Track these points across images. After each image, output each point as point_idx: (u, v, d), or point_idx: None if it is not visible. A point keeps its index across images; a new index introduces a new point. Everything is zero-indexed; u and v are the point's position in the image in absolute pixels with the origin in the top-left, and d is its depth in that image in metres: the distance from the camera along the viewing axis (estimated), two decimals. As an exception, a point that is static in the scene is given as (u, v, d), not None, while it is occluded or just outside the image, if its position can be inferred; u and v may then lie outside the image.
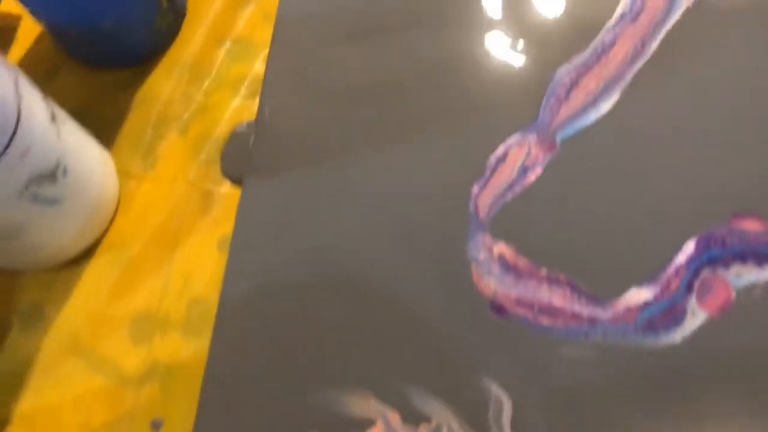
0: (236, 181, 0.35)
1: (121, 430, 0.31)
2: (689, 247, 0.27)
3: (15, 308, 0.34)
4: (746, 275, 0.26)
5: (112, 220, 0.35)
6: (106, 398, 0.31)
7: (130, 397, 0.31)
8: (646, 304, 0.26)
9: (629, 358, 0.25)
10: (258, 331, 0.27)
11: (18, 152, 0.26)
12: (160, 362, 0.32)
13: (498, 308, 0.27)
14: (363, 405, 0.25)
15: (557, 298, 0.26)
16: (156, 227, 0.34)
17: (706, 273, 0.26)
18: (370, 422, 0.25)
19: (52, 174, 0.28)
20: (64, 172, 0.29)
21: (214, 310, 0.32)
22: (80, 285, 0.34)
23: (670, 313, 0.26)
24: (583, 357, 0.25)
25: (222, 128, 0.37)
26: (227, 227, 0.34)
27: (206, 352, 0.31)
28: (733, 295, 0.26)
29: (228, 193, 0.35)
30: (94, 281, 0.34)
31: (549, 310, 0.26)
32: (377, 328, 0.27)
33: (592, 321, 0.26)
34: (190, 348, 0.32)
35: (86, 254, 0.34)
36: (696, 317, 0.26)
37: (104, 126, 0.38)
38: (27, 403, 0.32)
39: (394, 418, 0.25)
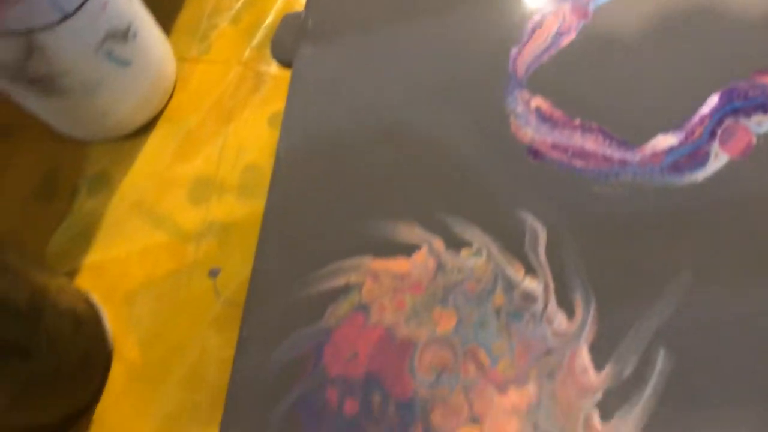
0: (286, 64, 0.37)
1: (183, 278, 0.33)
2: (713, 99, 0.29)
3: (83, 175, 0.37)
4: (766, 123, 0.28)
5: (170, 97, 0.37)
6: (168, 252, 0.34)
7: (190, 251, 0.34)
8: (672, 149, 0.28)
9: (655, 194, 0.27)
10: (312, 176, 0.30)
11: (99, 3, 0.28)
12: (217, 221, 0.34)
13: (535, 152, 0.29)
14: (409, 233, 0.28)
15: (590, 143, 0.29)
16: (211, 103, 0.37)
17: (728, 122, 0.28)
18: (416, 247, 0.28)
19: (125, 34, 0.31)
20: (134, 35, 0.32)
21: (266, 176, 0.35)
22: (143, 153, 0.36)
23: (694, 156, 0.28)
24: (614, 193, 0.28)
25: (272, 18, 0.39)
26: (276, 105, 0.37)
27: (259, 211, 0.34)
28: (754, 140, 0.28)
29: (277, 74, 0.37)
30: (155, 149, 0.36)
31: (582, 154, 0.28)
32: (421, 170, 0.29)
33: (622, 163, 0.28)
34: (244, 208, 0.35)
35: (148, 126, 0.37)
36: (718, 160, 0.28)
37: (160, 17, 0.40)
38: (96, 257, 0.35)
39: (438, 243, 0.28)
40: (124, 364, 0.32)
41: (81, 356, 0.29)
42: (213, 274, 0.33)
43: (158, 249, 0.34)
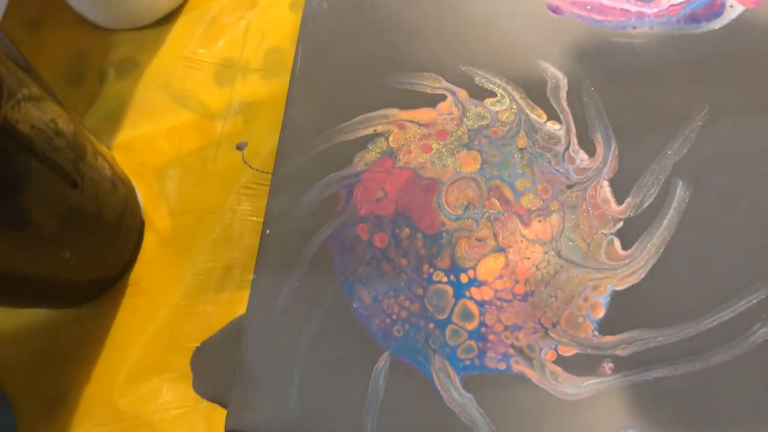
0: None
1: (210, 152, 0.35)
2: (730, -45, 0.29)
3: (111, 61, 0.37)
4: (782, -25, 0.29)
5: (194, -13, 0.38)
6: (195, 129, 0.35)
7: (217, 127, 0.35)
8: (688, 1, 0.29)
9: (673, 43, 0.28)
10: (339, 32, 0.31)
11: None
12: (242, 99, 0.35)
13: (555, 8, 0.30)
14: (434, 85, 0.29)
15: (608, -2, 0.29)
16: (235, -10, 0.38)
17: (745, -26, 0.29)
18: (441, 98, 0.29)
19: None
20: None
21: (289, 58, 0.36)
22: (169, 38, 0.37)
23: (710, 7, 0.29)
24: (632, 43, 0.28)
25: None
26: (299, -8, 0.37)
27: (283, 91, 0.35)
28: (770, -10, 0.28)
29: (299, -38, 0.38)
30: (181, 35, 0.37)
31: (600, 8, 0.29)
32: (445, 25, 0.30)
33: (640, 15, 0.29)
34: (268, 87, 0.35)
35: (173, 14, 0.38)
36: (734, 9, 0.28)
37: None
38: (126, 136, 0.36)
39: (462, 93, 0.28)
40: (155, 233, 0.33)
41: (118, 215, 0.30)
42: (240, 146, 0.34)
43: (185, 127, 0.35)
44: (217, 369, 0.30)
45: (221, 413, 0.27)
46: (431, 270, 0.26)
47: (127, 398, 0.31)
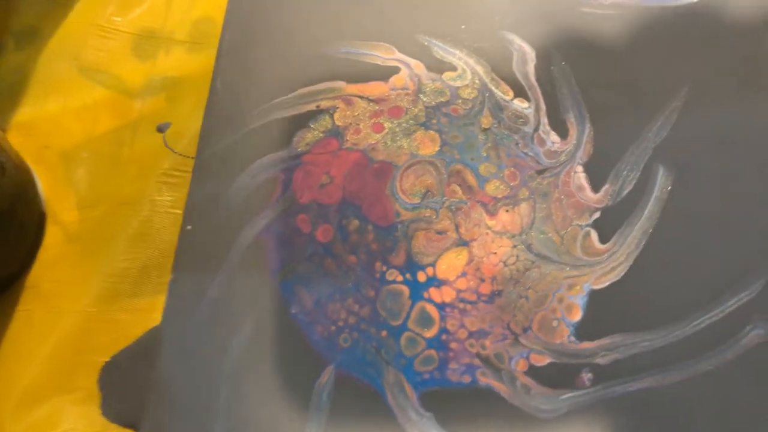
0: None
1: (127, 135, 0.30)
2: None
3: (10, 29, 0.32)
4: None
5: (111, -55, 0.33)
6: (110, 108, 0.30)
7: (136, 106, 0.30)
8: (666, -30, 0.26)
9: (649, 15, 0.25)
10: (274, 1, 0.27)
11: None
12: (165, 75, 0.31)
13: (520, -26, 0.27)
14: (386, 56, 0.25)
15: (579, -36, 0.26)
16: (158, -48, 0.33)
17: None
18: (394, 71, 0.25)
19: None
20: None
21: (220, 29, 0.31)
22: (80, 4, 0.32)
23: (689, -23, 0.26)
24: (603, 14, 0.26)
25: None
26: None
27: (212, 65, 0.31)
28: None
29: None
30: (93, 1, 0.32)
31: (571, -24, 0.26)
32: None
33: (613, -15, 0.26)
34: (195, 62, 0.31)
35: (83, -24, 0.33)
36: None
37: None
38: (25, 114, 0.30)
39: (418, 66, 0.25)
40: (60, 227, 0.28)
41: (8, 205, 0.25)
42: (162, 128, 0.30)
43: (98, 105, 0.30)
44: (130, 387, 0.25)
45: (133, 440, 0.23)
46: (384, 268, 0.22)
47: (21, 424, 0.26)
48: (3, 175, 0.25)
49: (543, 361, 0.21)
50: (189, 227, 0.23)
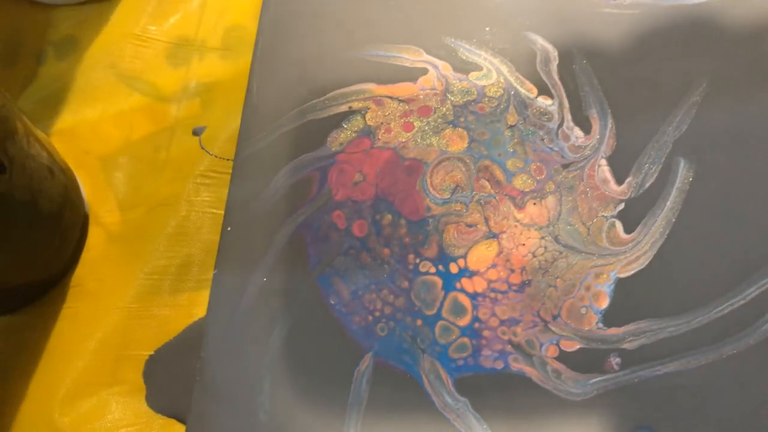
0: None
1: (163, 138, 0.31)
2: None
3: (49, 39, 0.34)
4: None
5: (144, -43, 0.35)
6: (146, 113, 0.32)
7: (171, 111, 0.32)
8: (683, -30, 0.27)
9: (667, 14, 0.26)
10: (309, 4, 0.28)
11: None
12: (199, 81, 0.32)
13: (541, -23, 0.27)
14: (414, 58, 0.26)
15: (598, -34, 0.27)
16: (189, -37, 0.35)
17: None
18: (422, 72, 0.26)
19: None
20: None
21: (251, 36, 0.33)
22: (116, 14, 0.34)
23: (705, -24, 0.27)
24: (624, 14, 0.26)
25: None
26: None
27: (245, 70, 0.32)
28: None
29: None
30: (129, 10, 0.34)
31: (590, -23, 0.27)
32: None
33: (632, -15, 0.27)
34: (228, 68, 0.32)
35: (120, -12, 0.34)
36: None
37: None
38: (67, 121, 0.32)
39: (445, 67, 0.26)
40: (102, 228, 0.30)
41: (57, 207, 0.26)
42: (197, 132, 0.31)
43: (135, 111, 0.32)
44: (174, 380, 0.26)
45: (180, 429, 0.24)
46: (417, 260, 0.23)
47: (70, 416, 0.27)
48: (52, 178, 0.26)
49: (573, 346, 0.22)
50: (229, 229, 0.24)
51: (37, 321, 0.28)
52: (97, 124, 0.32)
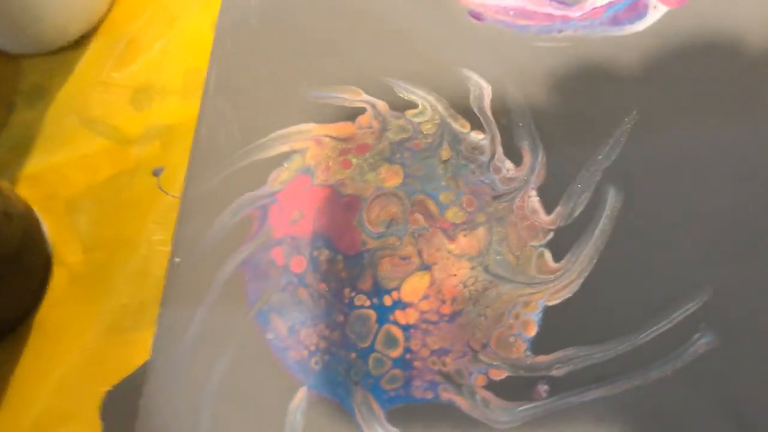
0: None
1: (125, 180, 0.32)
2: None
3: (19, 89, 0.35)
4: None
5: (110, 6, 0.36)
6: (109, 156, 0.33)
7: (133, 154, 0.33)
8: (611, 3, 0.28)
9: (597, 45, 0.27)
10: (253, 47, 0.29)
11: None
12: (160, 123, 0.33)
13: (476, 15, 0.28)
14: (352, 98, 0.27)
15: (531, 2, 0.28)
16: (153, 10, 0.36)
17: (666, -24, 0.28)
18: (360, 111, 0.27)
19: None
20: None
21: (209, 78, 0.34)
22: (83, 63, 0.35)
23: (633, 8, 0.28)
24: (557, 47, 0.27)
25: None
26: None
27: (204, 112, 0.33)
28: (691, -10, 0.28)
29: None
30: (95, 59, 0.35)
31: (524, 13, 0.28)
32: (362, 35, 0.28)
33: (564, 19, 0.28)
34: (187, 109, 0.33)
35: (84, 39, 0.36)
36: (657, 11, 0.28)
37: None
38: (35, 167, 0.33)
39: (382, 106, 0.27)
40: (66, 268, 0.31)
41: (15, 253, 0.28)
42: (156, 172, 0.32)
43: (99, 154, 0.33)
44: (129, 416, 0.27)
45: (130, 466, 0.25)
46: (353, 294, 0.24)
47: (31, 454, 0.28)
48: (10, 223, 0.27)
49: (501, 375, 0.22)
50: (177, 260, 0.25)
51: None
52: (63, 169, 0.33)
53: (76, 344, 0.29)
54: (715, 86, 0.25)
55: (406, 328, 0.23)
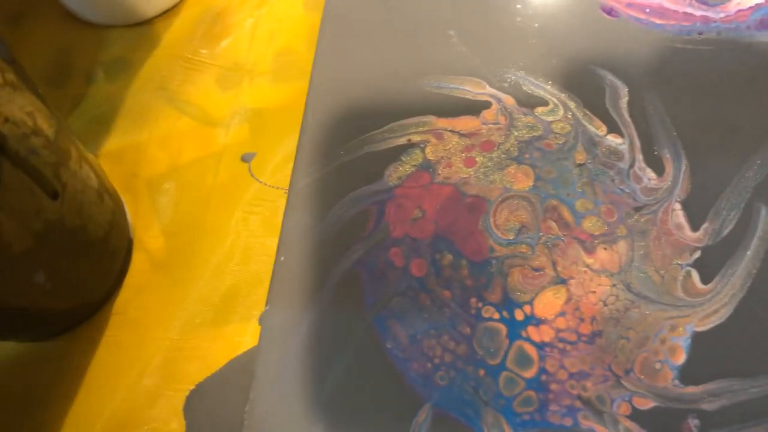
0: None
1: (210, 164, 0.30)
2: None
3: (100, 60, 0.33)
4: None
5: (198, -20, 0.34)
6: (194, 137, 0.31)
7: (219, 136, 0.31)
8: (759, 5, 0.26)
9: (744, 51, 0.25)
10: (367, 29, 0.27)
11: None
12: (248, 106, 0.31)
13: (609, 10, 0.26)
14: (476, 90, 0.25)
15: (668, 1, 0.26)
16: (242, -13, 0.34)
17: (820, -21, 0.26)
18: (485, 105, 0.25)
19: None
20: None
21: (302, 60, 0.32)
22: (167, 37, 0.33)
23: (785, 12, 0.26)
24: (698, 50, 0.25)
25: None
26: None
27: (296, 96, 0.31)
28: None
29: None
30: (180, 33, 0.33)
31: (660, 11, 0.26)
32: (488, 27, 0.26)
33: (705, 20, 0.26)
34: (278, 93, 0.32)
35: (171, 12, 0.34)
36: (811, 16, 0.25)
37: None
38: (114, 143, 0.31)
39: (509, 101, 0.25)
40: (146, 254, 0.29)
41: (104, 233, 0.26)
42: (246, 158, 0.30)
43: (183, 134, 0.31)
44: (216, 417, 0.25)
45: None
46: (480, 304, 0.22)
47: (106, 450, 0.26)
48: (101, 203, 0.25)
49: (646, 404, 0.20)
50: (282, 258, 0.23)
51: (78, 348, 0.27)
52: (145, 147, 0.31)
53: (157, 336, 0.27)
54: None
55: (540, 347, 0.21)
